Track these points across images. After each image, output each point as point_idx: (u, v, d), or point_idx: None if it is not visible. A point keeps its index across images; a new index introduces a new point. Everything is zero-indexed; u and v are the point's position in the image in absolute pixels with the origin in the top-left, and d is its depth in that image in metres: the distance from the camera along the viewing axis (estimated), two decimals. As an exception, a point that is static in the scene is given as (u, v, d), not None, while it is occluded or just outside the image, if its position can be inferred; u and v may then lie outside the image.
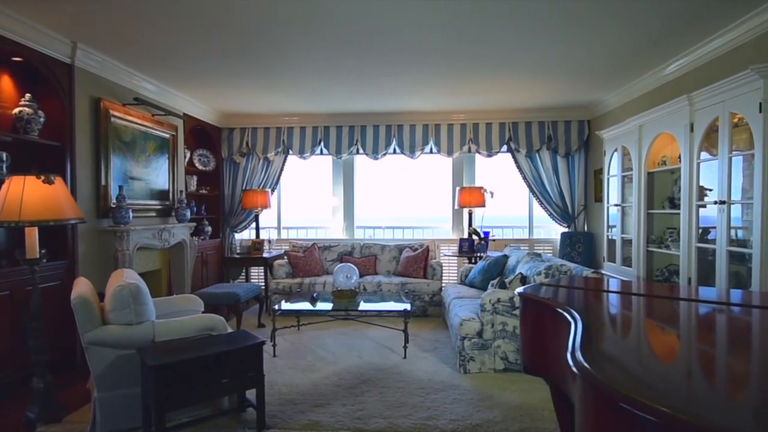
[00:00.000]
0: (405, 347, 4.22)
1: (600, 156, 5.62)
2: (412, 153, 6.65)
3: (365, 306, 4.48)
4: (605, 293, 2.11)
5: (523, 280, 3.94)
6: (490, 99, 5.86)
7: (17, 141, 3.62)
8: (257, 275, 6.99)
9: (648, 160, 4.33)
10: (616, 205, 5.01)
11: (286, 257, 6.27)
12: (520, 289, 2.05)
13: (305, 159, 6.79)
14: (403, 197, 7.49)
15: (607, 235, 5.25)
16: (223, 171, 6.84)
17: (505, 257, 5.10)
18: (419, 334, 4.94)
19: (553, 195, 6.54)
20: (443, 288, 5.75)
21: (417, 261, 6.05)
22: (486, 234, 6.22)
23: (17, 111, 3.59)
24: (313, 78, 4.88)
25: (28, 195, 2.76)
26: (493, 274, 4.98)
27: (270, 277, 6.10)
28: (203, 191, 6.46)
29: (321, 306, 4.47)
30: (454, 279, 6.76)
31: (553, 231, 6.87)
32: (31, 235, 2.90)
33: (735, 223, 3.38)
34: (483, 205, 6.29)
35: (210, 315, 3.12)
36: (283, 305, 4.46)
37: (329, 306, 4.47)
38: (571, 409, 1.33)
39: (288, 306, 4.46)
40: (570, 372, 1.15)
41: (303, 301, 4.62)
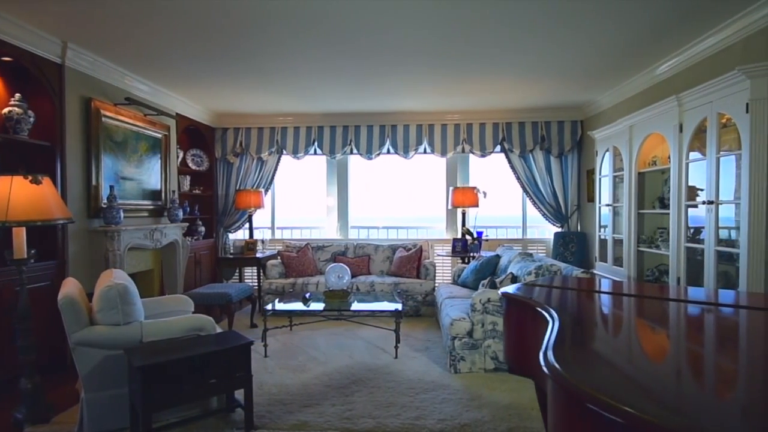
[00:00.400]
0: (396, 347, 4.22)
1: (593, 156, 5.63)
2: (406, 153, 6.66)
3: (357, 306, 4.49)
4: (588, 293, 2.12)
5: (514, 279, 3.94)
6: (483, 99, 5.87)
7: (6, 141, 3.61)
8: (251, 275, 6.99)
9: (638, 160, 4.35)
10: (607, 205, 5.03)
11: (279, 257, 6.27)
12: (503, 289, 2.05)
13: (299, 159, 6.79)
14: (398, 197, 7.49)
15: (599, 235, 5.27)
16: (217, 171, 6.83)
17: (497, 257, 5.11)
18: (411, 333, 4.95)
19: (547, 195, 6.56)
20: (436, 288, 5.76)
21: (410, 261, 6.06)
22: (479, 234, 6.23)
23: (7, 111, 3.58)
24: (307, 78, 4.88)
25: (15, 195, 2.75)
26: (486, 273, 4.99)
27: (263, 278, 6.09)
28: (196, 191, 6.45)
29: (313, 306, 4.47)
30: (448, 279, 6.76)
31: (547, 231, 6.88)
32: (19, 236, 2.89)
33: (726, 223, 3.40)
34: (476, 205, 6.30)
35: (198, 315, 3.12)
36: (274, 305, 4.46)
37: (321, 306, 4.47)
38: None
39: (279, 306, 4.46)
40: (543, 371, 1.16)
41: (295, 302, 4.62)
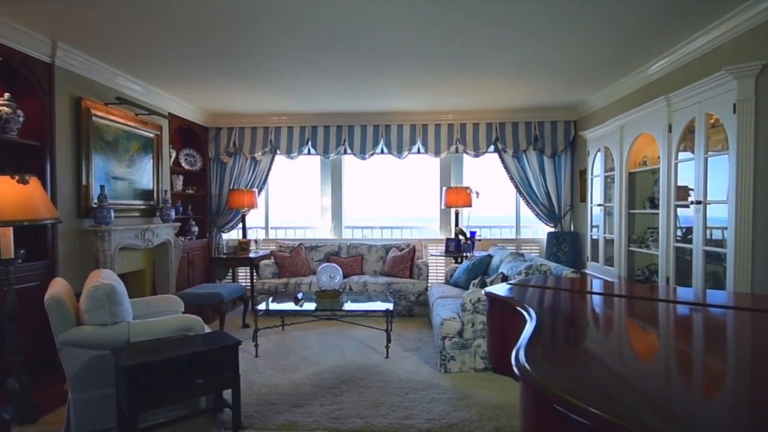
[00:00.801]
0: (387, 347, 4.23)
1: (585, 156, 5.65)
2: (399, 153, 6.66)
3: (348, 306, 4.49)
4: (571, 292, 2.12)
5: (505, 279, 3.95)
6: (476, 99, 5.88)
7: (-5, 140, 3.60)
8: (244, 276, 6.98)
9: (629, 160, 4.36)
10: (599, 206, 5.05)
11: (272, 257, 6.27)
12: (487, 289, 2.05)
13: (293, 159, 6.78)
14: (392, 197, 7.49)
15: (591, 235, 5.28)
16: (210, 171, 6.82)
17: (489, 257, 5.12)
18: (403, 333, 4.95)
19: (540, 195, 6.57)
20: (429, 288, 5.76)
21: (403, 261, 6.06)
22: (472, 234, 6.23)
23: (-5, 110, 3.57)
24: (300, 78, 4.88)
25: (1, 195, 2.74)
26: (478, 273, 4.99)
27: (256, 278, 6.09)
28: (190, 191, 6.44)
29: (304, 306, 4.47)
30: (441, 279, 6.77)
31: (541, 231, 6.89)
32: (6, 236, 2.88)
33: (716, 224, 3.41)
34: (469, 205, 6.30)
35: (186, 315, 3.12)
36: (265, 305, 4.46)
37: (313, 306, 4.47)
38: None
39: (270, 306, 4.46)
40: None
41: (287, 302, 4.62)
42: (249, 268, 6.27)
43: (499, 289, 2.08)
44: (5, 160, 3.69)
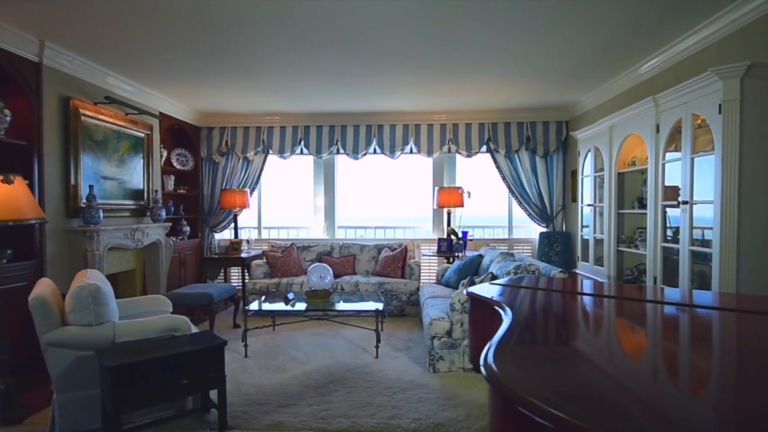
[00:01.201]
0: (377, 347, 4.23)
1: (577, 156, 5.66)
2: (392, 153, 6.66)
3: (338, 306, 4.48)
4: (552, 292, 2.13)
5: (494, 279, 3.95)
6: (469, 99, 5.88)
7: (-18, 140, 3.58)
8: (237, 276, 6.96)
9: (618, 160, 4.37)
10: (589, 205, 5.06)
11: (264, 257, 6.26)
12: (469, 289, 2.06)
13: (285, 159, 6.78)
14: (385, 197, 7.49)
15: (581, 235, 5.30)
16: (202, 170, 6.80)
17: (480, 257, 5.12)
18: (394, 333, 4.95)
19: (532, 195, 6.58)
20: (420, 288, 5.76)
21: (395, 261, 6.06)
22: (464, 234, 6.24)
23: (-19, 110, 3.55)
24: (292, 78, 4.87)
25: (-15, 195, 2.73)
26: (468, 273, 5.00)
27: (248, 278, 6.08)
28: (181, 191, 6.42)
29: (295, 306, 4.46)
30: (434, 279, 6.77)
31: (533, 231, 6.90)
32: (-10, 236, 2.87)
33: (704, 224, 3.41)
34: (461, 205, 6.31)
35: (173, 315, 3.11)
36: (255, 305, 4.45)
37: (303, 306, 4.46)
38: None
39: (259, 306, 4.45)
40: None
41: (278, 302, 4.61)
42: (240, 268, 6.26)
43: (481, 289, 2.08)
44: (-8, 159, 3.67)
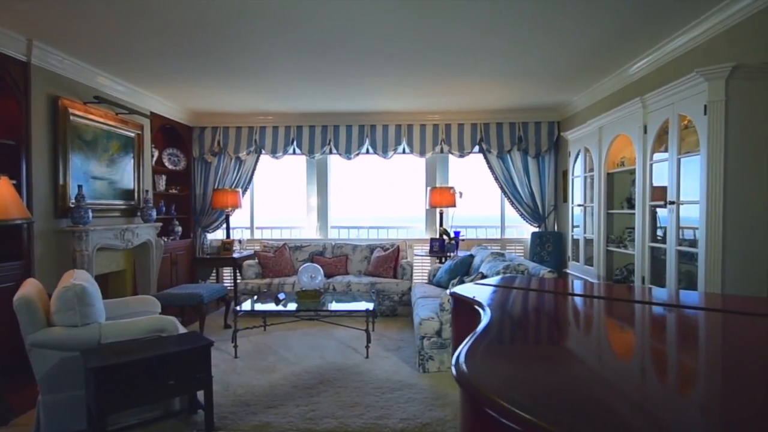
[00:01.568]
0: (367, 347, 4.23)
1: (567, 157, 5.67)
2: (385, 153, 6.66)
3: (329, 306, 4.48)
4: (534, 292, 2.13)
5: (483, 279, 3.96)
6: (461, 100, 5.89)
7: (-32, 140, 3.56)
8: (229, 276, 6.95)
9: (608, 161, 4.39)
10: (579, 206, 5.08)
11: (256, 257, 6.25)
12: (453, 289, 2.06)
13: (278, 159, 6.77)
14: (378, 197, 7.49)
15: (572, 235, 5.32)
16: (194, 170, 6.78)
17: (471, 257, 5.13)
18: (386, 333, 4.95)
19: (524, 195, 6.60)
20: (412, 288, 5.77)
21: (387, 261, 6.07)
22: (456, 234, 6.25)
23: (-32, 109, 3.53)
24: (284, 78, 4.87)
25: (-31, 195, 2.71)
26: (460, 273, 5.01)
27: (239, 278, 6.06)
28: (173, 191, 6.40)
29: (285, 307, 4.46)
30: (426, 279, 6.77)
31: (525, 231, 6.92)
32: (-25, 236, 2.85)
33: (691, 224, 3.43)
34: (453, 205, 6.32)
35: (160, 316, 3.10)
36: (244, 306, 4.44)
37: (294, 306, 4.46)
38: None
39: (249, 307, 4.45)
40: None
41: (269, 302, 4.60)
42: (232, 268, 6.24)
43: (465, 289, 2.09)
44: (-21, 159, 3.65)
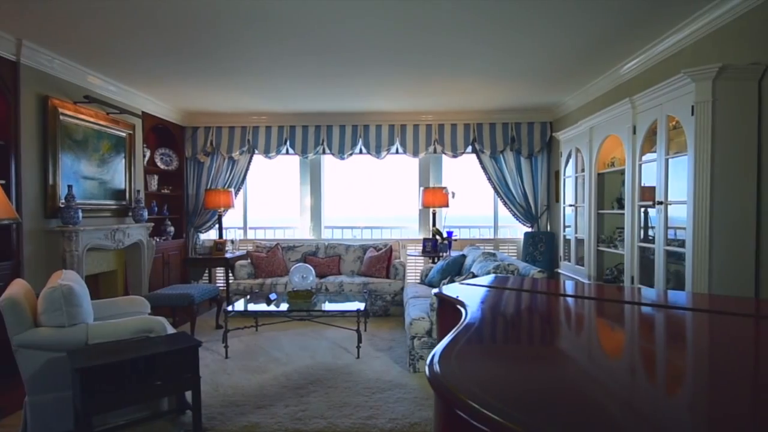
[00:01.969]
0: (358, 347, 4.23)
1: (559, 157, 5.69)
2: (378, 153, 6.67)
3: (320, 306, 4.48)
4: (518, 291, 2.14)
5: (474, 278, 3.97)
6: (454, 100, 5.90)
7: (-44, 140, 3.54)
8: (222, 276, 6.93)
9: (598, 161, 4.41)
10: (570, 206, 5.09)
11: (248, 258, 6.24)
12: (437, 289, 2.06)
13: (271, 159, 6.76)
14: (372, 198, 7.49)
15: (564, 235, 5.33)
16: (187, 170, 6.76)
17: (463, 257, 5.14)
18: (377, 333, 4.96)
19: (517, 195, 6.61)
20: (405, 288, 5.77)
21: (380, 261, 6.07)
22: (449, 234, 6.26)
23: (-44, 109, 3.51)
24: (275, 78, 4.86)
25: (-45, 195, 2.70)
26: (451, 273, 5.02)
27: (231, 278, 6.05)
28: (165, 191, 6.38)
29: (276, 307, 4.45)
30: (419, 279, 6.78)
31: (518, 231, 6.94)
32: (-39, 236, 2.83)
33: (679, 224, 3.44)
34: (446, 205, 6.33)
35: (148, 316, 3.09)
36: (234, 306, 4.44)
37: (285, 306, 4.46)
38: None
39: (241, 307, 4.44)
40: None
41: (261, 302, 4.60)
42: (225, 268, 6.23)
43: (450, 289, 2.09)
44: (-33, 159, 3.63)
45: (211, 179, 6.77)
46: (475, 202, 7.08)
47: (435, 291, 2.08)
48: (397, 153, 6.78)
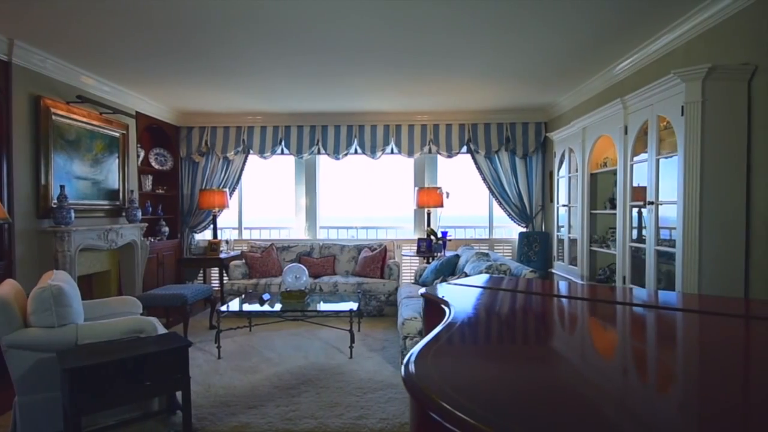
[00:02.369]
0: (351, 347, 4.23)
1: (553, 157, 5.70)
2: (373, 153, 6.66)
3: (313, 306, 4.48)
4: (504, 291, 2.14)
5: (467, 278, 3.97)
6: (449, 100, 5.90)
7: (-53, 140, 3.53)
8: (217, 277, 6.92)
9: (591, 161, 4.42)
10: (564, 206, 5.10)
11: (243, 258, 6.23)
12: (424, 290, 2.07)
13: (266, 159, 6.75)
14: (367, 198, 7.49)
15: (557, 235, 5.34)
16: (182, 170, 6.75)
17: (457, 257, 5.15)
18: (371, 333, 4.96)
19: (512, 195, 6.62)
20: (399, 288, 5.77)
21: (374, 261, 6.07)
22: (444, 234, 6.26)
23: (-54, 109, 3.50)
24: (269, 78, 4.85)
25: (-56, 195, 2.69)
26: (445, 273, 5.02)
27: (226, 278, 6.05)
28: (160, 191, 6.37)
29: (269, 307, 4.45)
30: (414, 279, 6.78)
31: (513, 231, 6.94)
32: (-50, 237, 2.83)
33: (670, 224, 3.45)
34: (440, 205, 6.33)
35: (138, 317, 3.09)
36: (227, 306, 4.44)
37: (278, 307, 4.45)
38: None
39: (233, 307, 4.44)
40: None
41: (255, 303, 4.60)
42: (219, 268, 6.23)
43: (438, 289, 2.09)
44: (-43, 159, 3.62)
45: (206, 179, 6.77)
46: (471, 202, 7.09)
47: (421, 291, 2.08)
48: (392, 153, 6.79)
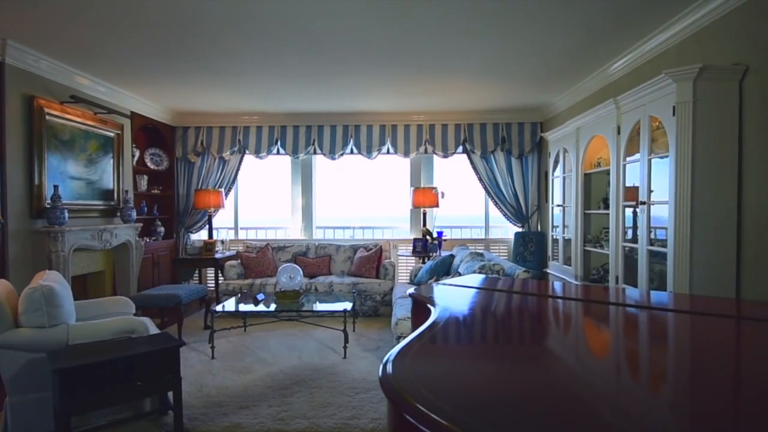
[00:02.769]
0: (345, 347, 4.23)
1: (548, 157, 5.70)
2: (369, 153, 6.66)
3: (307, 306, 4.48)
4: (492, 291, 2.14)
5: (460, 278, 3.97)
6: (444, 100, 5.90)
7: (-61, 140, 3.52)
8: (213, 277, 6.92)
9: (585, 161, 4.42)
10: (558, 206, 5.11)
11: (238, 258, 6.23)
12: (412, 290, 2.07)
13: (262, 159, 6.75)
14: (363, 198, 7.49)
15: (552, 235, 5.35)
16: (177, 170, 6.74)
17: (452, 257, 5.15)
18: (366, 333, 4.96)
19: (508, 195, 6.62)
20: (394, 288, 5.77)
21: (370, 261, 6.07)
22: (439, 234, 6.27)
23: (-61, 109, 3.49)
24: (264, 78, 4.85)
25: (-66, 195, 2.69)
26: (440, 273, 5.03)
27: (221, 278, 6.04)
28: (155, 191, 6.36)
29: (263, 307, 4.45)
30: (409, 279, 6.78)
31: (509, 231, 6.94)
32: (-59, 237, 2.82)
33: (662, 224, 3.45)
34: (436, 205, 6.34)
35: (130, 317, 3.09)
36: (222, 306, 4.44)
37: (272, 307, 4.45)
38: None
39: (228, 307, 4.44)
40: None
41: (249, 303, 4.59)
42: (214, 269, 6.22)
43: (428, 290, 2.09)
44: (-50, 159, 3.61)
45: (202, 179, 6.76)
46: (467, 202, 7.09)
47: (409, 291, 2.09)
48: (388, 153, 6.79)
